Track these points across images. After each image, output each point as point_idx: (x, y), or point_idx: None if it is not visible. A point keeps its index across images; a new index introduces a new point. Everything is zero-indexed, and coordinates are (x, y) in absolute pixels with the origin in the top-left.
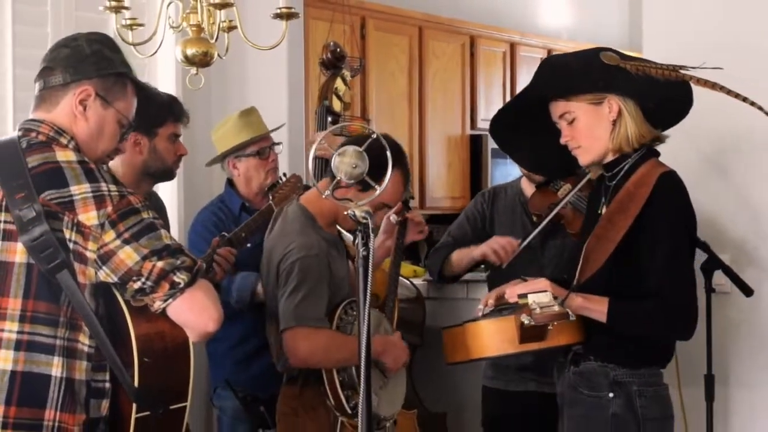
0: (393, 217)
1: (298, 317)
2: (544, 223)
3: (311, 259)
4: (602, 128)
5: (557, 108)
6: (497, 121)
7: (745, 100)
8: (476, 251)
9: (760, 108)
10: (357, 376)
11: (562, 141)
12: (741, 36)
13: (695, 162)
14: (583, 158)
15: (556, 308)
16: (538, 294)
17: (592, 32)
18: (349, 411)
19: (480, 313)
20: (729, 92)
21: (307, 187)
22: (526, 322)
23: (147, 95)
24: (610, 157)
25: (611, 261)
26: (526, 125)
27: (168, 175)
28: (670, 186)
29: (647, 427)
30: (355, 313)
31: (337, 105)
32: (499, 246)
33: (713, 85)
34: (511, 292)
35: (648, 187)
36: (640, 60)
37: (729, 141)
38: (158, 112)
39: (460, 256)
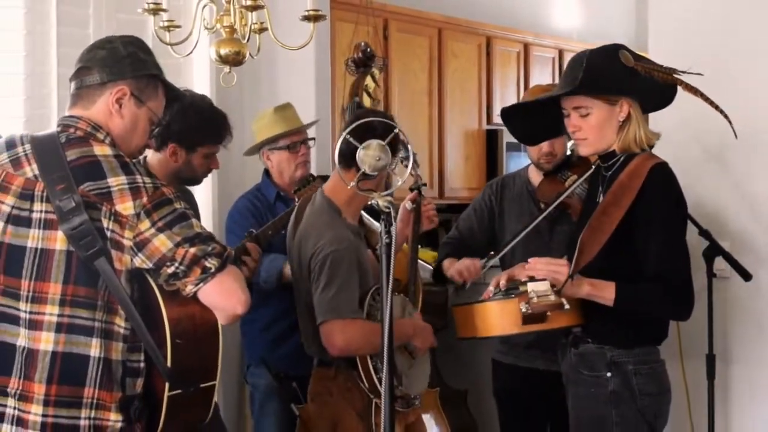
0: (408, 204)
1: (333, 310)
2: (546, 213)
3: (342, 253)
4: (610, 127)
5: (574, 100)
6: (515, 108)
7: (717, 108)
8: (449, 272)
9: (726, 116)
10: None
11: (570, 130)
12: (744, 36)
13: (699, 157)
14: (585, 149)
15: (552, 298)
16: (537, 282)
17: (601, 33)
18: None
19: (491, 294)
20: (706, 99)
21: (325, 178)
22: (523, 309)
23: (197, 112)
24: (618, 150)
25: (605, 249)
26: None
27: (195, 182)
28: (662, 177)
29: (644, 401)
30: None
31: (367, 101)
32: (463, 267)
33: (695, 92)
34: (520, 272)
35: (640, 179)
36: (645, 60)
37: (730, 137)
38: (203, 133)
39: (447, 267)
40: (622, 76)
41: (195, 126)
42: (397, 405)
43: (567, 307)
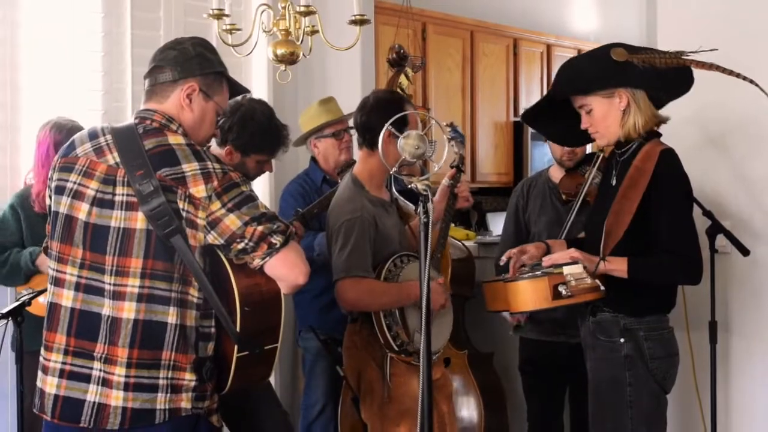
0: (446, 181)
1: (346, 269)
2: (577, 205)
3: (354, 221)
4: (613, 117)
5: (576, 101)
6: (529, 113)
7: (738, 75)
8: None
9: (751, 81)
10: (401, 318)
11: (583, 126)
12: (747, 35)
13: (702, 143)
14: (600, 141)
15: (589, 281)
16: (572, 266)
17: (615, 35)
18: (396, 348)
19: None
20: (723, 70)
21: None
22: (564, 293)
23: (257, 124)
24: (621, 138)
25: (629, 229)
26: (554, 110)
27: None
28: (671, 160)
29: (654, 364)
30: (403, 264)
31: None
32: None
33: (710, 66)
34: (548, 260)
35: (653, 161)
36: (646, 51)
37: (730, 125)
38: (257, 145)
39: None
40: (612, 70)
41: (251, 136)
42: (412, 360)
43: (603, 288)
